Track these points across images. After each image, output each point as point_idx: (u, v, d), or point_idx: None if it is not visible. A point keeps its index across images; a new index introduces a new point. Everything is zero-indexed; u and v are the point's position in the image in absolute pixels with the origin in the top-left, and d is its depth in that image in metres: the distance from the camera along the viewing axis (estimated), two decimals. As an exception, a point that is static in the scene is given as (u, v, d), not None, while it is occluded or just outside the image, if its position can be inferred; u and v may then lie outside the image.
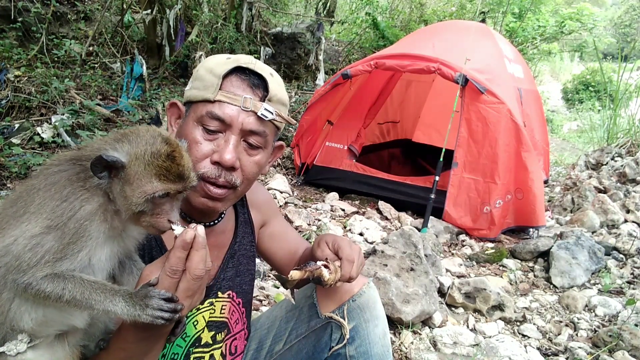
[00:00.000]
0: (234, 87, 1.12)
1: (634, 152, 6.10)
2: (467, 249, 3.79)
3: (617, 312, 2.82)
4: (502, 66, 4.67)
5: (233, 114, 1.11)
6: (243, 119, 1.11)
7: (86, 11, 5.64)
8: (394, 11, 9.55)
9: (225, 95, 1.10)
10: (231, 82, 1.13)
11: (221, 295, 1.29)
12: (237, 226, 1.37)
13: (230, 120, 1.11)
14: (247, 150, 1.15)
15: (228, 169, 1.12)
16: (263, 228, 1.51)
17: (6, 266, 0.85)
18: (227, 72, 1.11)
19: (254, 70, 1.14)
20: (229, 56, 1.16)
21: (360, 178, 4.58)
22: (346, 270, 1.24)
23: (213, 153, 1.11)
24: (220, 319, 1.29)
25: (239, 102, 1.10)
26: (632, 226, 4.00)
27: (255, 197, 1.47)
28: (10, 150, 3.57)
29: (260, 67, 1.16)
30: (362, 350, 1.32)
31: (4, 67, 4.36)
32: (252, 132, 1.14)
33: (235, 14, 6.61)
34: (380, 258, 2.68)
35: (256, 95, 1.13)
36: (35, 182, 0.91)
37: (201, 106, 1.12)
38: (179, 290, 0.87)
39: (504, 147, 3.90)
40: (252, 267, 1.41)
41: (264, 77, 1.14)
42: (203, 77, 1.13)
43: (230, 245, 1.34)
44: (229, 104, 1.11)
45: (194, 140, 1.12)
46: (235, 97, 1.11)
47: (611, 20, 25.22)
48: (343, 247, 1.27)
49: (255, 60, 1.18)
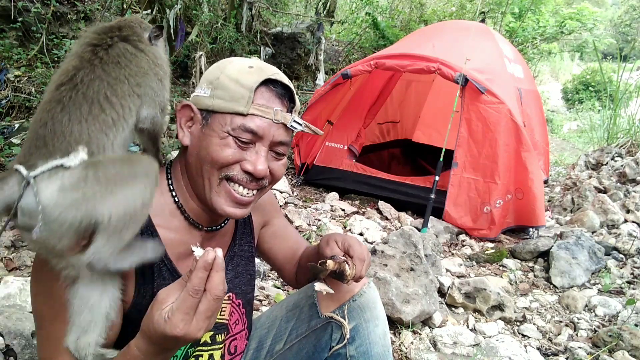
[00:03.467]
0: (265, 99, 1.12)
1: (634, 152, 6.10)
2: (467, 249, 3.79)
3: (617, 312, 2.82)
4: (502, 66, 4.68)
5: (265, 127, 1.11)
6: (274, 132, 1.12)
7: (86, 11, 5.64)
8: (394, 11, 9.54)
9: (258, 109, 1.10)
10: (262, 94, 1.12)
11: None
12: (236, 228, 1.37)
13: (262, 133, 1.11)
14: (274, 158, 1.17)
15: (258, 179, 1.14)
16: (264, 228, 1.50)
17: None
18: (258, 85, 1.10)
19: (280, 82, 1.15)
20: (250, 64, 1.15)
21: (360, 178, 4.58)
22: (358, 268, 1.25)
23: (243, 161, 1.12)
24: (220, 320, 1.28)
25: (270, 115, 1.11)
26: (632, 226, 4.00)
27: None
28: (10, 150, 3.57)
29: (282, 75, 1.17)
30: (363, 350, 1.32)
31: (4, 67, 4.36)
32: (281, 143, 1.15)
33: (235, 14, 6.61)
34: (380, 258, 2.68)
35: (284, 107, 1.15)
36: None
37: (230, 118, 1.10)
38: (199, 311, 0.88)
39: (504, 147, 3.90)
40: (251, 267, 1.41)
41: (290, 88, 1.16)
42: (228, 87, 1.11)
43: (230, 247, 1.34)
44: (262, 117, 1.11)
45: (226, 145, 1.10)
46: (267, 110, 1.11)
47: (611, 20, 25.23)
48: (353, 245, 1.29)
49: (276, 68, 1.18)
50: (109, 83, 1.01)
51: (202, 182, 1.14)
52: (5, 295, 1.96)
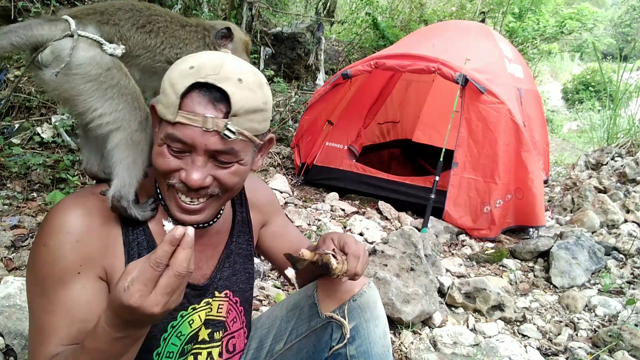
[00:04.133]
0: (194, 104, 1.02)
1: (634, 152, 6.10)
2: (467, 249, 3.79)
3: (617, 312, 2.82)
4: (502, 66, 4.67)
5: (195, 136, 1.02)
6: (206, 140, 1.03)
7: (86, 11, 5.64)
8: (394, 11, 9.54)
9: (184, 116, 1.02)
10: (192, 99, 1.03)
11: (218, 295, 1.29)
12: (233, 226, 1.36)
13: (192, 143, 1.03)
14: (219, 167, 1.08)
15: (197, 189, 1.07)
16: (264, 228, 1.50)
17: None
18: (186, 90, 1.02)
19: (214, 85, 1.02)
20: (193, 64, 1.05)
21: (360, 178, 4.58)
22: (352, 265, 1.23)
23: (181, 170, 1.07)
24: (217, 317, 1.29)
25: (199, 123, 1.01)
26: (632, 226, 4.00)
27: (256, 198, 1.45)
28: (10, 150, 3.56)
29: (225, 74, 1.04)
30: (363, 350, 1.32)
31: (4, 67, 4.36)
32: (219, 152, 1.05)
33: (235, 14, 6.61)
34: (380, 258, 2.68)
35: (219, 112, 1.03)
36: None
37: (164, 125, 1.06)
38: (159, 285, 0.86)
39: (504, 147, 3.90)
40: (249, 265, 1.40)
41: (225, 91, 1.02)
42: (166, 91, 1.05)
43: (226, 245, 1.33)
44: (190, 125, 1.02)
45: (162, 154, 1.07)
46: (195, 117, 1.02)
47: (611, 20, 25.22)
48: (349, 242, 1.27)
49: (221, 67, 1.05)
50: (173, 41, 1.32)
51: (160, 183, 1.15)
52: (5, 295, 1.96)
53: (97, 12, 1.19)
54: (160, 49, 1.28)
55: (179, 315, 1.21)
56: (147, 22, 1.27)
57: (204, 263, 1.27)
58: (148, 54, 1.27)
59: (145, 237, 1.16)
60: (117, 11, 1.22)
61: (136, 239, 1.15)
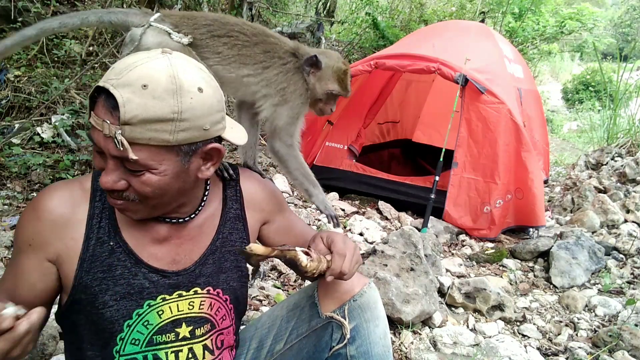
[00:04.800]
0: (99, 107, 1.02)
1: (634, 152, 6.10)
2: (467, 249, 3.79)
3: (617, 312, 2.82)
4: (502, 66, 4.67)
5: (100, 139, 1.03)
6: (107, 145, 1.02)
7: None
8: (394, 11, 9.53)
9: (93, 119, 1.03)
10: (99, 102, 1.02)
11: (201, 292, 1.28)
12: (223, 222, 1.34)
13: (100, 146, 1.05)
14: (130, 173, 1.07)
15: (110, 191, 1.10)
16: (266, 225, 1.48)
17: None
18: (92, 93, 1.03)
19: (107, 90, 0.99)
20: (115, 65, 1.04)
21: (360, 178, 4.58)
22: (337, 264, 1.22)
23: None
24: (199, 314, 1.27)
25: (100, 127, 1.01)
26: (632, 226, 4.00)
27: (253, 196, 1.43)
28: (10, 150, 3.56)
29: (127, 80, 0.98)
30: (363, 350, 1.32)
31: (4, 67, 4.36)
32: (119, 158, 1.03)
33: (235, 14, 6.60)
34: (380, 258, 2.68)
35: (115, 119, 0.99)
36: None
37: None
38: None
39: (504, 147, 3.90)
40: (243, 263, 1.38)
41: (115, 98, 0.98)
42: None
43: (212, 241, 1.31)
44: (96, 129, 1.03)
45: (94, 153, 1.12)
46: (97, 120, 1.01)
47: (611, 20, 25.20)
48: (336, 241, 1.27)
49: (128, 70, 1.00)
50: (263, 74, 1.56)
51: None
52: (6, 295, 1.96)
53: (180, 15, 1.51)
54: (231, 60, 1.49)
55: (145, 304, 1.20)
56: (225, 34, 1.49)
57: (182, 256, 1.26)
58: (218, 59, 1.48)
59: (109, 222, 1.20)
60: (199, 17, 1.50)
61: (98, 223, 1.18)
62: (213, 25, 1.51)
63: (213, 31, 1.48)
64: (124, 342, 1.18)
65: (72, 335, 1.24)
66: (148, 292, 1.21)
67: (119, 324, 1.18)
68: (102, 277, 1.17)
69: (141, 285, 1.20)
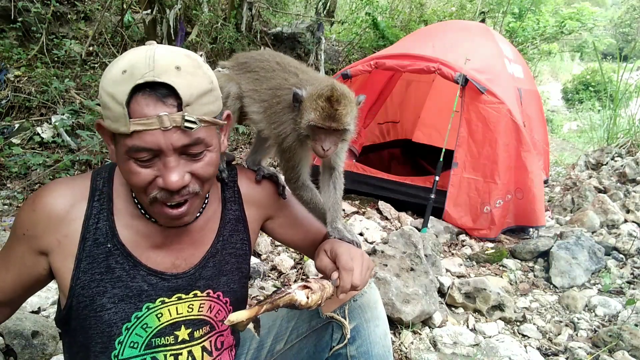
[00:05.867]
0: (143, 108, 0.97)
1: (634, 152, 6.11)
2: (467, 249, 3.79)
3: (617, 312, 2.82)
4: (502, 66, 4.67)
5: (156, 139, 0.99)
6: (169, 139, 0.99)
7: (86, 11, 5.64)
8: (394, 11, 9.54)
9: (138, 123, 0.97)
10: (138, 103, 0.97)
11: (200, 295, 1.26)
12: (223, 224, 1.32)
13: (157, 147, 1.00)
14: (192, 160, 1.06)
15: (179, 190, 1.06)
16: (270, 221, 1.46)
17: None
18: (128, 97, 0.97)
19: (154, 81, 0.97)
20: (124, 67, 0.99)
21: (360, 178, 4.58)
22: (345, 281, 1.18)
23: (156, 177, 1.04)
24: (198, 316, 1.26)
25: (156, 125, 0.97)
26: (632, 226, 4.00)
27: (252, 194, 1.39)
28: (10, 150, 3.57)
29: (160, 67, 0.98)
30: (363, 350, 1.32)
31: (4, 67, 4.36)
32: (187, 146, 1.03)
33: (235, 14, 6.61)
34: (380, 258, 2.68)
35: (171, 107, 0.98)
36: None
37: (120, 139, 1.01)
38: None
39: (504, 147, 3.90)
40: (244, 265, 1.36)
41: (168, 84, 0.98)
42: (108, 105, 1.00)
43: (212, 244, 1.29)
44: (147, 130, 0.98)
45: (131, 171, 1.04)
46: (149, 120, 0.97)
47: (611, 20, 25.18)
48: (340, 254, 1.21)
49: (153, 60, 0.99)
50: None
51: (141, 200, 1.14)
52: (6, 295, 1.96)
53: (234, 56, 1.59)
54: (247, 94, 1.47)
55: (144, 307, 1.19)
56: (253, 69, 1.50)
57: (182, 260, 1.25)
58: (245, 92, 1.47)
59: (108, 224, 1.16)
60: (242, 56, 1.58)
61: (95, 225, 1.15)
62: (249, 61, 1.52)
63: (247, 66, 1.50)
64: (122, 346, 1.17)
65: (71, 339, 1.23)
66: (147, 294, 1.19)
67: (118, 327, 1.16)
68: (100, 278, 1.15)
69: (140, 287, 1.18)
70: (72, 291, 1.15)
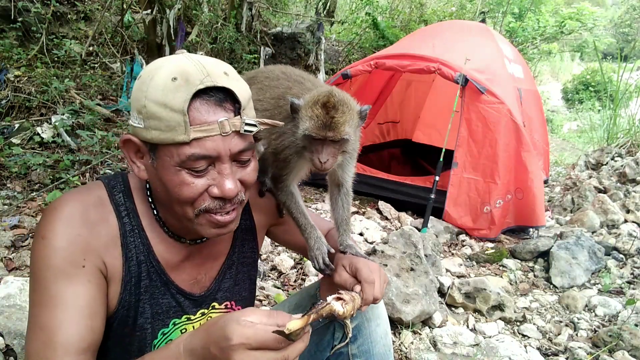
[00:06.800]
0: (202, 114, 0.95)
1: (634, 152, 6.11)
2: (467, 249, 3.79)
3: (617, 312, 2.82)
4: (502, 66, 4.68)
5: (217, 146, 0.97)
6: (228, 145, 0.98)
7: (86, 11, 5.64)
8: (394, 11, 9.54)
9: (200, 130, 0.95)
10: (197, 110, 0.95)
11: (218, 307, 1.27)
12: (236, 235, 1.32)
13: (217, 153, 0.98)
14: (240, 167, 1.05)
15: (232, 197, 1.04)
16: (275, 227, 1.48)
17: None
18: (190, 101, 0.95)
19: (213, 86, 0.96)
20: (173, 75, 0.96)
21: (360, 178, 4.50)
22: (368, 294, 1.17)
23: (209, 187, 1.01)
24: None
25: (217, 131, 0.96)
26: (632, 226, 4.00)
27: (259, 202, 1.40)
28: (10, 150, 3.56)
29: (213, 73, 0.97)
30: (364, 349, 1.32)
31: (4, 67, 4.36)
32: (241, 152, 1.01)
33: (235, 14, 6.60)
34: (380, 258, 2.68)
35: (229, 112, 0.97)
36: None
37: (174, 150, 0.96)
38: (260, 356, 0.90)
39: (504, 147, 3.90)
40: (253, 272, 1.39)
41: (226, 87, 0.97)
42: (159, 116, 0.95)
43: (228, 255, 1.29)
44: (207, 136, 0.95)
45: (183, 182, 0.99)
46: (210, 126, 0.95)
47: (611, 20, 25.19)
48: (360, 268, 1.21)
49: (203, 66, 0.98)
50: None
51: (180, 214, 1.07)
52: (5, 295, 1.96)
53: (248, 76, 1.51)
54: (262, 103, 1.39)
55: (171, 323, 1.19)
56: (261, 80, 1.46)
57: (203, 276, 1.24)
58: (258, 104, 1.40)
59: (142, 241, 1.12)
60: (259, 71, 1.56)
61: (133, 242, 1.11)
62: (256, 75, 1.50)
63: (254, 80, 1.46)
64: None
65: (100, 357, 1.12)
66: (174, 311, 1.19)
67: (148, 344, 1.16)
68: (140, 298, 1.12)
69: (169, 304, 1.18)
70: (116, 313, 1.10)
